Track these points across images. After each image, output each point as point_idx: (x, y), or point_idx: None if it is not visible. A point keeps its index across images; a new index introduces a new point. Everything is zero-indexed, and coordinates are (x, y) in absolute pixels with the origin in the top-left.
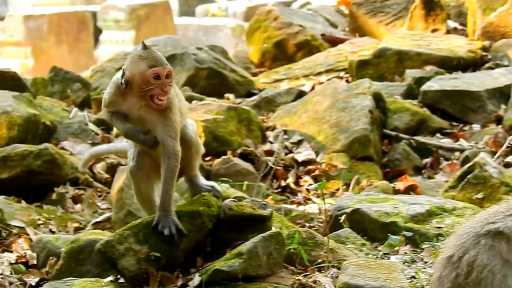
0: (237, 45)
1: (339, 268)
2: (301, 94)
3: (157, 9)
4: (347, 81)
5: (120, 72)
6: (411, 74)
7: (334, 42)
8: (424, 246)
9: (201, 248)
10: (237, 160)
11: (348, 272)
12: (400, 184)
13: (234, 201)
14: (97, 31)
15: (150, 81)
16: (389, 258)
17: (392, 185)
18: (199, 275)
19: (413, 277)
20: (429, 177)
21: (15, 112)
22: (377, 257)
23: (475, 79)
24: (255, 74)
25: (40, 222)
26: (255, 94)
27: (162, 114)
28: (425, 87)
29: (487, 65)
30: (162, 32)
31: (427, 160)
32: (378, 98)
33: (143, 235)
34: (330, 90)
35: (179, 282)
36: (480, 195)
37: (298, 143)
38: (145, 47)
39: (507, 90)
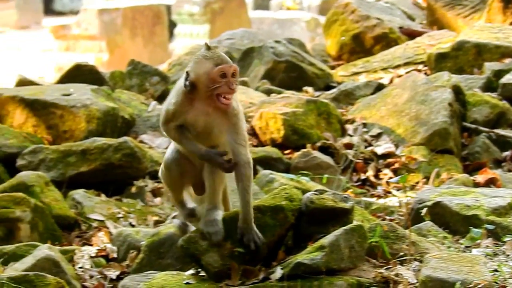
0: (314, 38)
1: (421, 261)
2: (380, 87)
3: (231, 2)
4: (425, 74)
5: (183, 76)
6: (490, 67)
7: (412, 35)
8: (506, 239)
9: (283, 241)
10: (316, 153)
11: (431, 265)
12: (480, 177)
13: (315, 194)
14: (172, 25)
15: (217, 80)
16: (471, 251)
17: (472, 178)
18: (281, 268)
19: (496, 270)
20: (509, 170)
21: (94, 106)
22: (459, 250)
23: None
24: (332, 67)
25: (119, 215)
26: (333, 87)
27: (231, 121)
28: (504, 79)
29: None
30: (236, 25)
31: (507, 153)
32: (457, 91)
33: (226, 230)
34: (409, 83)
35: (261, 276)
36: None
37: (378, 136)
38: (208, 47)
39: None
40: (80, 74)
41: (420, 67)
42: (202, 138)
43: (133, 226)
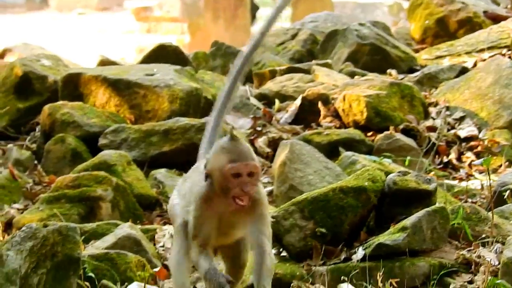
0: (397, 22)
1: (503, 243)
2: (463, 71)
3: None
4: (510, 58)
5: (203, 163)
6: None
7: (496, 19)
8: None
9: (365, 222)
10: (399, 136)
11: None
12: None
13: (398, 175)
14: (254, 8)
15: (229, 179)
16: None
17: None
18: (363, 249)
19: None
20: None
21: (177, 86)
22: None
23: None
24: (416, 51)
25: None
26: (417, 70)
27: (256, 212)
28: None
29: None
30: (319, 9)
31: None
32: None
33: (309, 210)
34: (493, 67)
35: (343, 256)
36: None
37: (461, 119)
38: (232, 138)
39: None
40: (163, 54)
41: (504, 51)
42: (222, 236)
43: None
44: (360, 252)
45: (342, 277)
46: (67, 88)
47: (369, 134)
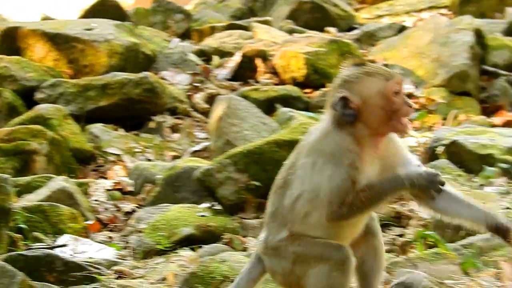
0: None
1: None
2: (402, 29)
3: None
4: (449, 18)
5: (338, 108)
6: (511, 11)
7: None
8: None
9: None
10: None
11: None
12: (497, 119)
13: None
14: None
15: (392, 99)
16: (484, 189)
17: (489, 120)
18: None
19: (508, 208)
20: None
21: (116, 41)
22: (472, 187)
23: None
24: (356, 10)
25: (137, 150)
26: (356, 28)
27: (399, 147)
28: None
29: None
30: None
31: None
32: (478, 34)
33: (243, 163)
34: (432, 25)
35: None
36: None
37: None
38: (363, 63)
39: None
40: (103, 10)
41: (444, 11)
42: None
43: (150, 160)
44: None
45: None
46: (5, 42)
47: (307, 91)
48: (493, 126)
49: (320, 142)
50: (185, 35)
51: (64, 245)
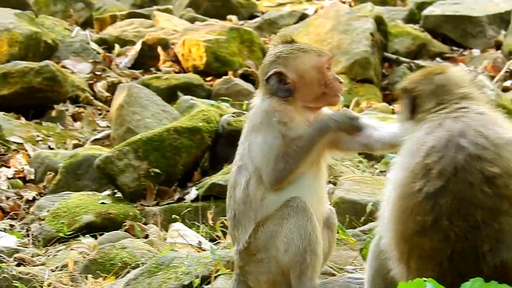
0: None
1: (335, 184)
2: (303, 17)
3: None
4: (349, 5)
5: (272, 83)
6: None
7: None
8: None
9: (199, 163)
10: (238, 80)
11: (344, 187)
12: (398, 106)
13: (232, 116)
14: None
15: (325, 74)
16: (385, 175)
17: (391, 107)
18: (196, 189)
19: None
20: None
21: (17, 30)
22: (373, 174)
23: (476, 4)
24: None
25: (39, 138)
26: (257, 16)
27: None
28: (426, 11)
29: None
30: None
31: None
32: (379, 22)
33: (143, 151)
34: (332, 13)
35: (176, 196)
36: None
37: None
38: (293, 40)
39: (507, 16)
40: None
41: None
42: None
43: (51, 149)
44: (193, 192)
45: (174, 217)
46: None
47: (208, 79)
48: (395, 113)
49: (252, 119)
50: (86, 24)
51: None
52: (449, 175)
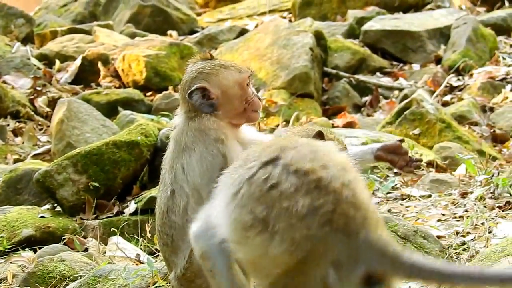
0: None
1: None
2: (243, 32)
3: None
4: (290, 20)
5: (195, 98)
6: (353, 14)
7: None
8: None
9: (138, 177)
10: (178, 95)
11: None
12: (339, 121)
13: (171, 130)
14: None
15: (246, 90)
16: None
17: (331, 121)
18: (135, 203)
19: None
20: (368, 115)
21: None
22: None
23: (416, 19)
24: (199, 14)
25: None
26: (198, 32)
27: (254, 135)
28: (366, 26)
29: (429, 6)
30: None
31: (367, 99)
32: (319, 36)
33: (82, 165)
34: (272, 28)
35: (115, 210)
36: (416, 131)
37: None
38: (212, 57)
39: (447, 31)
40: None
41: (285, 14)
42: None
43: None
44: (132, 206)
45: (113, 230)
46: None
47: (149, 94)
48: (335, 127)
49: (181, 139)
50: (27, 40)
51: None
52: None
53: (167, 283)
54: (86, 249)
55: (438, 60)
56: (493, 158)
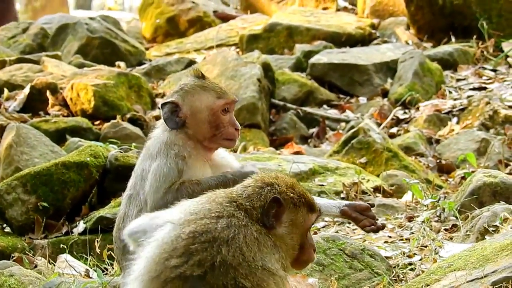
0: (130, 22)
1: None
2: (191, 63)
3: (53, 1)
4: (237, 53)
5: (165, 111)
6: (300, 48)
7: (226, 18)
8: None
9: (87, 197)
10: (126, 124)
11: None
12: (286, 151)
13: (120, 152)
14: None
15: (220, 116)
16: None
17: (278, 152)
18: (84, 222)
19: None
20: (315, 146)
21: None
22: None
23: (363, 53)
24: (147, 49)
25: None
26: (145, 63)
27: (228, 160)
28: (313, 60)
29: (375, 42)
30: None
31: (314, 130)
32: (267, 68)
33: (31, 185)
34: (220, 59)
35: (64, 229)
36: (363, 160)
37: None
38: (203, 76)
39: (393, 65)
40: None
41: (233, 48)
42: None
43: None
44: (81, 225)
45: (63, 247)
46: None
47: (97, 122)
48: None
49: (149, 147)
50: None
51: None
52: (207, 268)
53: None
54: (36, 267)
55: (384, 94)
56: (439, 186)
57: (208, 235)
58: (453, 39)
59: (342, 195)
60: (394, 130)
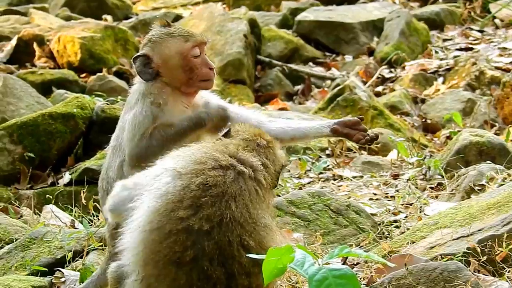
0: None
1: None
2: (177, 18)
3: None
4: (224, 9)
5: (137, 65)
6: (287, 5)
7: None
8: (291, 158)
9: (73, 149)
10: (112, 78)
11: None
12: (271, 107)
13: (106, 103)
14: None
15: (191, 60)
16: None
17: (263, 108)
18: (70, 174)
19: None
20: (300, 103)
21: None
22: None
23: (349, 11)
24: (134, 3)
25: None
26: (132, 18)
27: (209, 99)
28: (299, 17)
29: (362, 0)
30: None
31: (299, 87)
32: (253, 24)
33: (18, 135)
34: (207, 14)
35: (50, 180)
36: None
37: None
38: (169, 24)
39: (380, 24)
40: None
41: (219, 4)
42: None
43: None
44: (67, 177)
45: (48, 197)
46: None
47: (83, 75)
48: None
49: (129, 101)
50: None
51: None
52: (215, 224)
53: (102, 246)
54: (21, 217)
55: (370, 52)
56: (424, 145)
57: (218, 189)
58: None
59: (327, 152)
60: (379, 88)
